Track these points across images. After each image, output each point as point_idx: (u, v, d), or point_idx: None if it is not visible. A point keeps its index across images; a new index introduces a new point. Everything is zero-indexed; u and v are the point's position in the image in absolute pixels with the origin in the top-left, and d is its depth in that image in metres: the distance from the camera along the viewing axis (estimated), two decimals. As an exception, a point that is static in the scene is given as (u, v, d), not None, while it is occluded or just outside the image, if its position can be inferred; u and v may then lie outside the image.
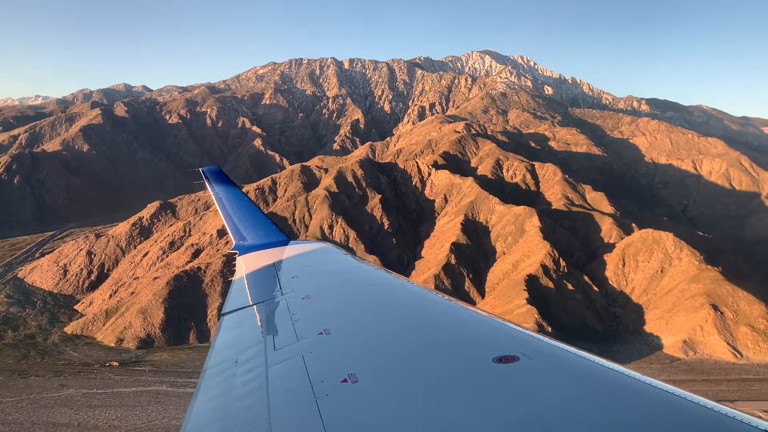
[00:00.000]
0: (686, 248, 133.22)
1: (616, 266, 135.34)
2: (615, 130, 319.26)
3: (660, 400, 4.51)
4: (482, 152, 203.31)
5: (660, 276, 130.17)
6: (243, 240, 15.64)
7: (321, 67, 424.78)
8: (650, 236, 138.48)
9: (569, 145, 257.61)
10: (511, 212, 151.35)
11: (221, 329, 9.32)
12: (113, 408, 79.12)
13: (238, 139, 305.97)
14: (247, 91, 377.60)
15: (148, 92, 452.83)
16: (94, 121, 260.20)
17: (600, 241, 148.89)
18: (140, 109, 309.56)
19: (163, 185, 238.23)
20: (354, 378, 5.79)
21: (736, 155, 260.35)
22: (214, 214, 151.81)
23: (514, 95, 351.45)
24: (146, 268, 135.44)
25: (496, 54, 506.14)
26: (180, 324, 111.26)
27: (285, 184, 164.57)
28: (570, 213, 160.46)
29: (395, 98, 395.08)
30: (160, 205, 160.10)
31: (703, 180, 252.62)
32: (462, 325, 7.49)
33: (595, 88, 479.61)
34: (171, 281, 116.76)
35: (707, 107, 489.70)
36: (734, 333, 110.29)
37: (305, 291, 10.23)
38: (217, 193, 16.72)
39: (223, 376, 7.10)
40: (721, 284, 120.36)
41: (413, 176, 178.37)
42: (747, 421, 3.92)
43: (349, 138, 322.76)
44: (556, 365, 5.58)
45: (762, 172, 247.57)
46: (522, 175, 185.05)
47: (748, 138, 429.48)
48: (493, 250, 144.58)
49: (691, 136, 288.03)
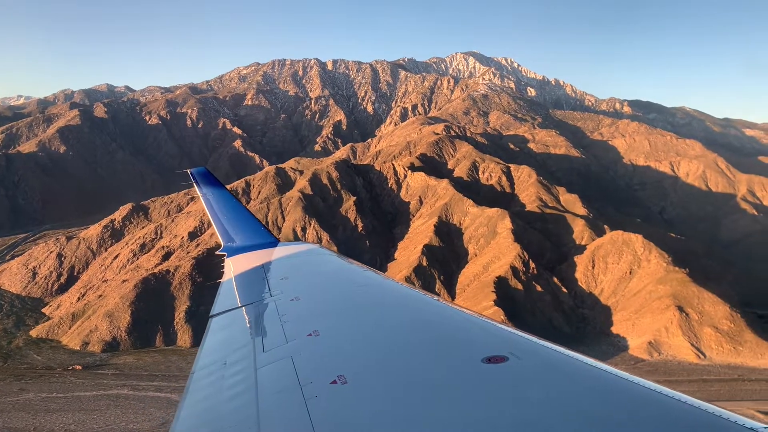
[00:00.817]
0: (655, 250, 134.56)
1: (586, 268, 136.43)
2: (595, 131, 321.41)
3: (649, 400, 4.56)
4: (459, 154, 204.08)
5: (629, 277, 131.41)
6: (231, 241, 15.51)
7: (304, 67, 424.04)
8: (620, 238, 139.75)
9: (548, 146, 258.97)
10: (484, 214, 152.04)
11: (210, 331, 9.33)
12: (71, 412, 78.72)
13: (218, 140, 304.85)
14: (228, 92, 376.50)
15: (130, 93, 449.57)
16: (72, 122, 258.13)
17: (572, 243, 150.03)
18: (120, 110, 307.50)
19: (141, 186, 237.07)
20: (343, 379, 5.77)
21: (713, 157, 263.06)
22: (186, 216, 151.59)
23: (495, 97, 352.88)
24: (116, 270, 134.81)
25: (480, 55, 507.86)
26: (147, 327, 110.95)
27: (259, 186, 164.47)
28: (543, 215, 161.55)
29: (378, 99, 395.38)
30: (132, 207, 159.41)
31: (680, 182, 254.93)
32: (451, 325, 7.52)
33: (578, 90, 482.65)
34: (138, 284, 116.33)
35: (690, 109, 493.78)
36: (698, 334, 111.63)
37: (294, 292, 10.23)
38: (205, 194, 16.66)
39: (211, 378, 7.09)
40: (687, 286, 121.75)
41: (389, 178, 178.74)
42: (734, 420, 3.96)
43: (331, 139, 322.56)
44: (546, 365, 5.62)
45: (738, 174, 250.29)
46: (498, 177, 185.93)
47: (729, 140, 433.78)
48: (465, 251, 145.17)
49: (669, 137, 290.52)
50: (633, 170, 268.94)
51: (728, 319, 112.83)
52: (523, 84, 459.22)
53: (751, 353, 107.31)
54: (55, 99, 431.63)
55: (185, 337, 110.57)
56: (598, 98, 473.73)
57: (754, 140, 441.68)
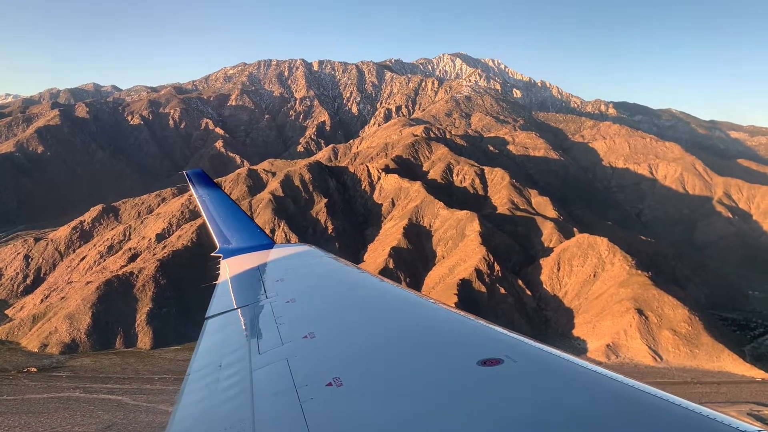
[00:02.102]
0: (619, 253, 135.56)
1: (552, 270, 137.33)
2: (577, 134, 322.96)
3: (644, 403, 4.58)
4: (435, 156, 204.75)
5: (593, 280, 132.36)
6: (227, 243, 15.40)
7: (290, 68, 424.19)
8: (586, 241, 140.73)
9: (527, 149, 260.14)
10: (453, 216, 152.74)
11: (205, 333, 9.25)
12: (18, 414, 78.68)
13: (200, 141, 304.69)
14: (213, 92, 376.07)
15: (117, 92, 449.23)
16: (52, 122, 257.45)
17: (540, 245, 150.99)
18: (102, 110, 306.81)
19: (119, 187, 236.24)
20: (339, 382, 5.78)
21: (691, 160, 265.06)
22: (155, 218, 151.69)
23: (478, 99, 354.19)
24: (82, 272, 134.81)
25: (467, 57, 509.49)
26: (107, 329, 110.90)
27: (230, 188, 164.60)
28: (513, 217, 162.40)
29: (363, 100, 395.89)
30: (102, 209, 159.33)
31: (658, 184, 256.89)
32: (446, 328, 7.47)
33: (564, 92, 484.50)
34: (101, 286, 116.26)
35: (676, 111, 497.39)
36: (656, 337, 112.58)
37: (290, 294, 10.16)
38: (201, 195, 16.51)
39: (206, 381, 7.06)
40: (648, 289, 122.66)
41: (363, 180, 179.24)
42: (727, 422, 4.02)
43: (314, 140, 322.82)
44: (541, 368, 5.64)
45: (715, 177, 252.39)
46: (471, 179, 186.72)
47: (714, 141, 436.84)
48: (434, 254, 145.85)
49: (649, 140, 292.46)
50: (612, 172, 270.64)
51: (686, 322, 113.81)
52: (509, 85, 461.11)
53: (707, 356, 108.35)
54: (40, 98, 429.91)
55: (146, 339, 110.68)
56: (584, 100, 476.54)
57: (738, 142, 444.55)
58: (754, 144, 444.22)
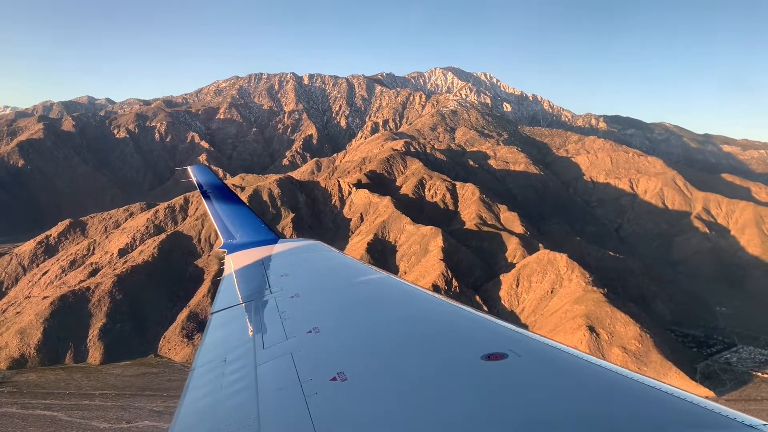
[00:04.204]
0: (577, 269, 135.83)
1: (510, 286, 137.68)
2: (561, 148, 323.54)
3: (648, 396, 4.65)
4: (409, 171, 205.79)
5: (550, 296, 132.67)
6: (231, 238, 15.49)
7: (280, 81, 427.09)
8: (546, 257, 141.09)
9: (508, 163, 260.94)
10: (419, 232, 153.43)
11: (210, 328, 9.28)
12: (-52, 431, 79.60)
13: (185, 154, 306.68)
14: (202, 106, 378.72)
15: (110, 105, 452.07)
16: (35, 135, 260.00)
17: (504, 261, 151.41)
18: (89, 123, 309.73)
19: (100, 200, 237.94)
20: (343, 376, 5.83)
21: (672, 174, 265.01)
22: (120, 232, 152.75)
23: (464, 113, 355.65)
24: (43, 287, 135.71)
25: (459, 71, 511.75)
26: (58, 344, 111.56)
27: (197, 203, 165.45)
28: (480, 232, 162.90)
29: (352, 114, 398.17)
30: (70, 223, 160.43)
31: (638, 199, 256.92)
32: (451, 322, 7.55)
33: (555, 105, 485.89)
34: (55, 301, 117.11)
35: (669, 125, 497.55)
36: (606, 354, 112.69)
37: (294, 289, 10.20)
38: (205, 191, 16.57)
39: (211, 375, 7.11)
40: (601, 306, 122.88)
41: (333, 195, 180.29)
42: (733, 416, 4.11)
43: (300, 153, 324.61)
44: (544, 362, 5.70)
45: (695, 192, 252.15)
46: (442, 194, 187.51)
47: (706, 155, 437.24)
48: (396, 269, 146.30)
49: (632, 154, 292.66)
50: (593, 187, 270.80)
51: (637, 339, 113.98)
52: (500, 99, 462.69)
53: (654, 373, 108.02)
54: (33, 111, 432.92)
55: (96, 354, 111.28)
56: (575, 114, 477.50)
57: (730, 156, 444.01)
58: (745, 158, 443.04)
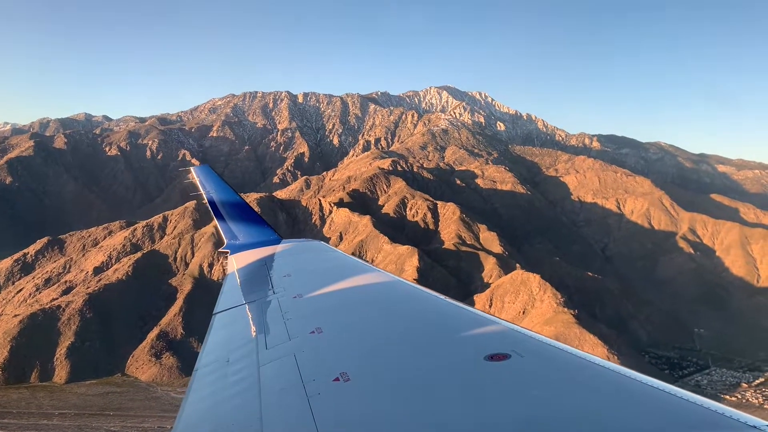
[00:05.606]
0: (549, 290, 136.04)
1: (483, 307, 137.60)
2: (551, 167, 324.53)
3: (651, 397, 4.61)
4: (392, 190, 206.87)
5: (522, 317, 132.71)
6: (234, 239, 15.39)
7: (275, 100, 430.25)
8: (519, 277, 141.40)
9: (495, 182, 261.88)
10: (396, 251, 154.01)
11: (213, 328, 9.28)
12: None
13: (176, 171, 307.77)
14: (196, 123, 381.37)
15: (107, 122, 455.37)
16: (25, 153, 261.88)
17: (481, 281, 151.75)
18: (81, 140, 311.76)
19: (86, 217, 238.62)
20: (346, 377, 5.82)
21: (659, 195, 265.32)
22: (97, 251, 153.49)
23: (455, 132, 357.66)
24: (16, 305, 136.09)
25: (455, 90, 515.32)
26: (24, 362, 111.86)
27: (176, 221, 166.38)
28: (458, 252, 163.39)
29: (345, 132, 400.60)
30: (48, 241, 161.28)
31: (625, 219, 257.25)
32: (454, 322, 7.49)
33: (549, 125, 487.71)
34: (25, 319, 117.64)
35: (665, 144, 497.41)
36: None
37: (297, 290, 10.22)
38: (208, 192, 16.52)
39: (214, 376, 7.12)
40: (570, 327, 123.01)
41: (314, 214, 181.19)
42: (736, 417, 4.10)
43: (290, 171, 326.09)
44: (547, 363, 5.66)
45: (682, 212, 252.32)
46: (423, 213, 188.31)
47: (700, 175, 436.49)
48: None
49: (620, 174, 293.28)
50: (580, 207, 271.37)
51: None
52: (494, 118, 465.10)
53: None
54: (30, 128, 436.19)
55: (62, 373, 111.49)
56: (569, 133, 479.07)
57: (725, 176, 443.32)
58: (740, 178, 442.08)
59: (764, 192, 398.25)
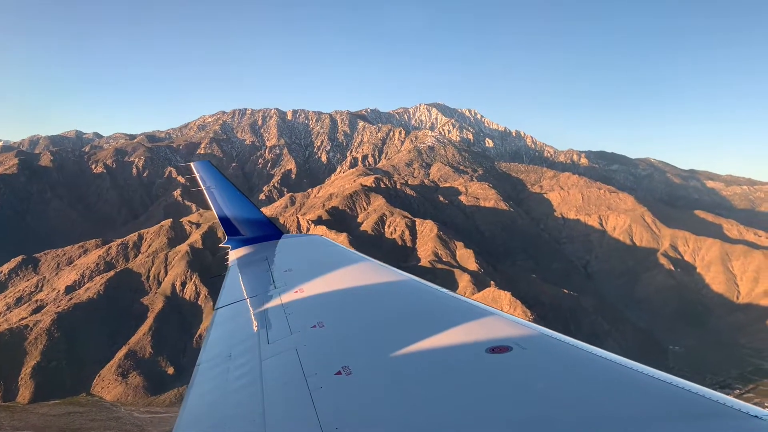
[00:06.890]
0: (520, 307, 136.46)
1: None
2: (536, 184, 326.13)
3: (654, 388, 4.63)
4: (371, 208, 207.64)
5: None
6: (235, 234, 15.52)
7: (264, 117, 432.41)
8: (491, 295, 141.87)
9: (478, 199, 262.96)
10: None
11: (214, 323, 9.32)
12: None
13: (162, 189, 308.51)
14: (184, 141, 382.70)
15: (97, 139, 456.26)
16: (9, 171, 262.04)
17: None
18: (67, 158, 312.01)
19: (69, 235, 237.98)
20: (348, 370, 5.86)
21: (641, 211, 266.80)
22: (70, 269, 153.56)
23: (441, 149, 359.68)
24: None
25: (444, 107, 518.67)
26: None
27: (151, 240, 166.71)
28: (434, 269, 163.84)
29: (333, 149, 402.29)
30: (22, 260, 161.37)
31: (607, 235, 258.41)
32: (455, 315, 7.47)
33: (538, 141, 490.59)
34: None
35: (655, 160, 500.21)
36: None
37: (298, 284, 10.24)
38: (209, 187, 16.51)
39: (216, 371, 7.16)
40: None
41: (292, 232, 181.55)
42: (738, 407, 4.16)
43: (277, 188, 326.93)
44: (549, 355, 5.70)
45: (664, 229, 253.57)
46: (401, 230, 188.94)
47: (689, 191, 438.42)
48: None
49: (604, 191, 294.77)
50: (563, 223, 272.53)
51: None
52: (483, 135, 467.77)
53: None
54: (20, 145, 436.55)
55: (26, 392, 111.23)
56: (557, 149, 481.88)
57: (713, 192, 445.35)
58: (728, 194, 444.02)
59: (752, 208, 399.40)
